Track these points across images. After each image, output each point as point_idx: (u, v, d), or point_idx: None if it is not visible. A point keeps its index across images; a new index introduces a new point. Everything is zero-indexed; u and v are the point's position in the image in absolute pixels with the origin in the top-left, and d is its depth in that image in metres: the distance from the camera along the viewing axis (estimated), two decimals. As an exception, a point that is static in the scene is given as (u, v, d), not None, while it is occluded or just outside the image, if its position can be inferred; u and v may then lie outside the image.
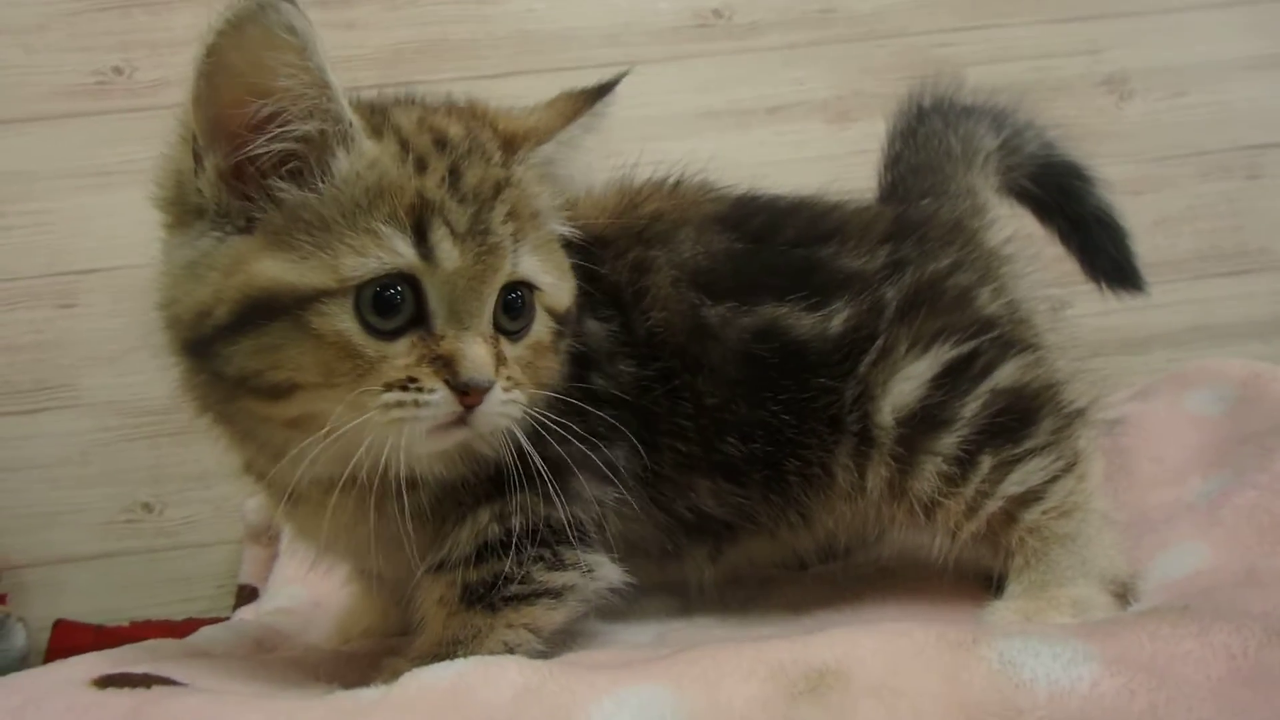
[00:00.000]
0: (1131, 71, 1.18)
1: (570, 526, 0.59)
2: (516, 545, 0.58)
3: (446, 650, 0.57)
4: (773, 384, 0.63)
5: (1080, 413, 0.65)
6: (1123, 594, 0.60)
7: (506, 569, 0.58)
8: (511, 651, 0.58)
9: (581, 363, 0.62)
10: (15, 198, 1.12)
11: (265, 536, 1.06)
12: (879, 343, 0.63)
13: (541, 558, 0.59)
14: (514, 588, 0.58)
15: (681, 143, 1.14)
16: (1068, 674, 0.40)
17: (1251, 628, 0.42)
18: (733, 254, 0.66)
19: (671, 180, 0.71)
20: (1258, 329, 1.18)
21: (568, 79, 1.12)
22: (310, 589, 0.90)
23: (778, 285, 0.64)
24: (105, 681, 0.49)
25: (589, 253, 0.64)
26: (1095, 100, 1.18)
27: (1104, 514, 0.63)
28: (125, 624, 1.08)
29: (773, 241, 0.66)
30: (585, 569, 0.60)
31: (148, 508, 1.11)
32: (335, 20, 1.15)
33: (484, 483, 0.59)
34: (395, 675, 0.54)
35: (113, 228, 1.11)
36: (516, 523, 0.58)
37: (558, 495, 0.58)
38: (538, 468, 0.56)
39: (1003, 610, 0.59)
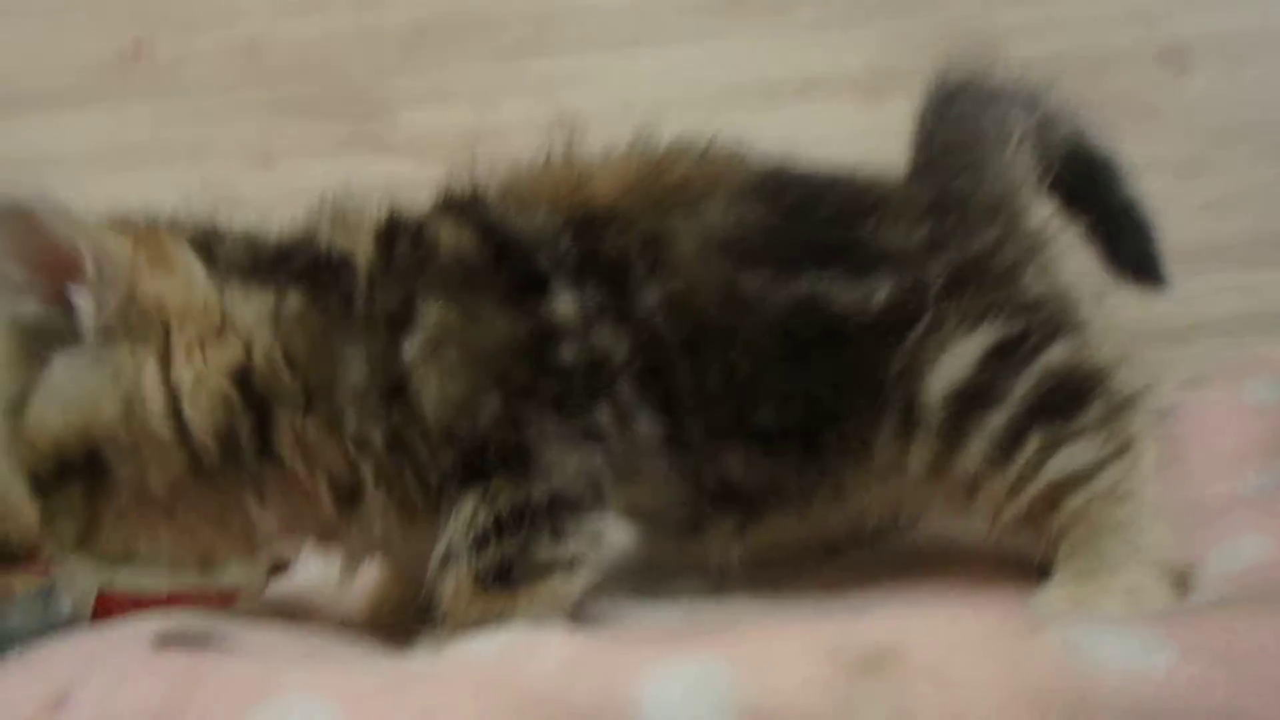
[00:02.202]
0: (1191, 42, 1.13)
1: (558, 499, 0.59)
2: (511, 526, 0.58)
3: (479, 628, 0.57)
4: (813, 356, 0.62)
5: (1132, 399, 0.64)
6: (1181, 583, 0.58)
7: (509, 550, 0.58)
8: None
9: (541, 339, 0.61)
10: (47, 178, 1.13)
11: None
12: (926, 319, 0.62)
13: (541, 534, 0.58)
14: (524, 566, 0.58)
15: (709, 121, 1.13)
16: (1140, 661, 0.38)
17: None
18: (767, 226, 0.65)
19: (699, 147, 0.70)
20: (1310, 320, 1.13)
21: (592, 57, 1.13)
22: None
23: (816, 258, 0.64)
24: (164, 640, 0.50)
25: (585, 231, 0.64)
26: (1152, 74, 1.13)
27: (1157, 502, 0.61)
28: (163, 594, 1.09)
29: (810, 215, 0.65)
30: (591, 535, 0.60)
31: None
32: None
33: (458, 471, 0.59)
34: (434, 647, 0.55)
35: (143, 208, 1.11)
36: (502, 505, 0.58)
37: (531, 473, 0.58)
38: (504, 448, 0.57)
39: (1052, 596, 0.58)
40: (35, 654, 0.49)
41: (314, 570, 0.91)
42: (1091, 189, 0.74)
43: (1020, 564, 0.63)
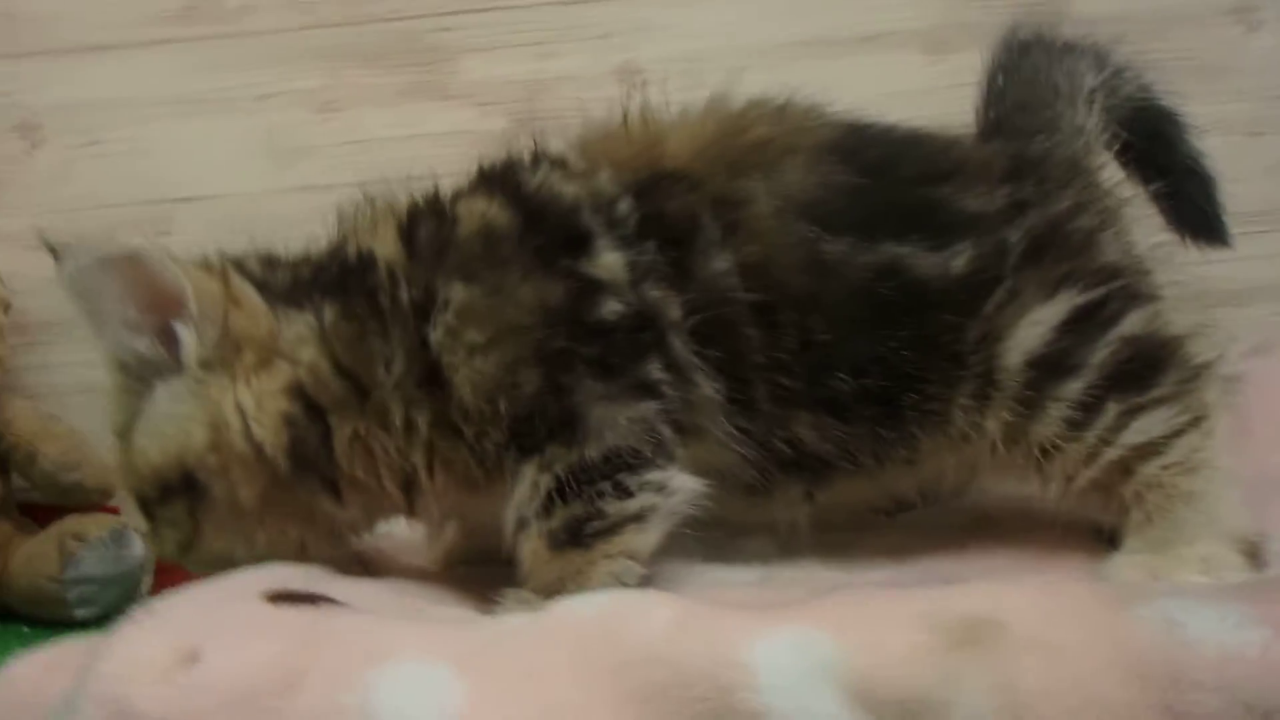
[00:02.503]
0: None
1: (615, 455, 0.59)
2: (573, 488, 0.59)
3: (556, 589, 0.59)
4: (894, 321, 0.62)
5: (1207, 367, 0.64)
6: (1253, 554, 0.59)
7: (577, 511, 0.59)
8: (620, 582, 0.60)
9: (579, 297, 0.61)
10: (113, 124, 1.14)
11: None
12: (1006, 285, 0.62)
13: (605, 492, 0.60)
14: (595, 524, 0.60)
15: (768, 74, 1.11)
16: (1235, 637, 0.39)
17: None
18: (849, 187, 0.64)
19: (778, 103, 0.69)
20: (1368, 283, 1.12)
21: (655, 6, 1.11)
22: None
23: (898, 223, 0.63)
24: (277, 598, 0.51)
25: (649, 191, 0.64)
26: (1221, 30, 1.10)
27: (1229, 472, 0.62)
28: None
29: (890, 177, 0.65)
30: (657, 487, 0.61)
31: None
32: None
33: (512, 444, 0.61)
34: (523, 605, 0.58)
35: (207, 156, 1.13)
36: (560, 470, 0.59)
37: (581, 436, 0.59)
38: (550, 417, 0.59)
39: (1125, 564, 0.59)
40: (157, 607, 0.50)
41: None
42: (1156, 147, 0.73)
43: (1083, 529, 0.64)
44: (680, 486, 0.61)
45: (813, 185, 0.64)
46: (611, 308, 0.61)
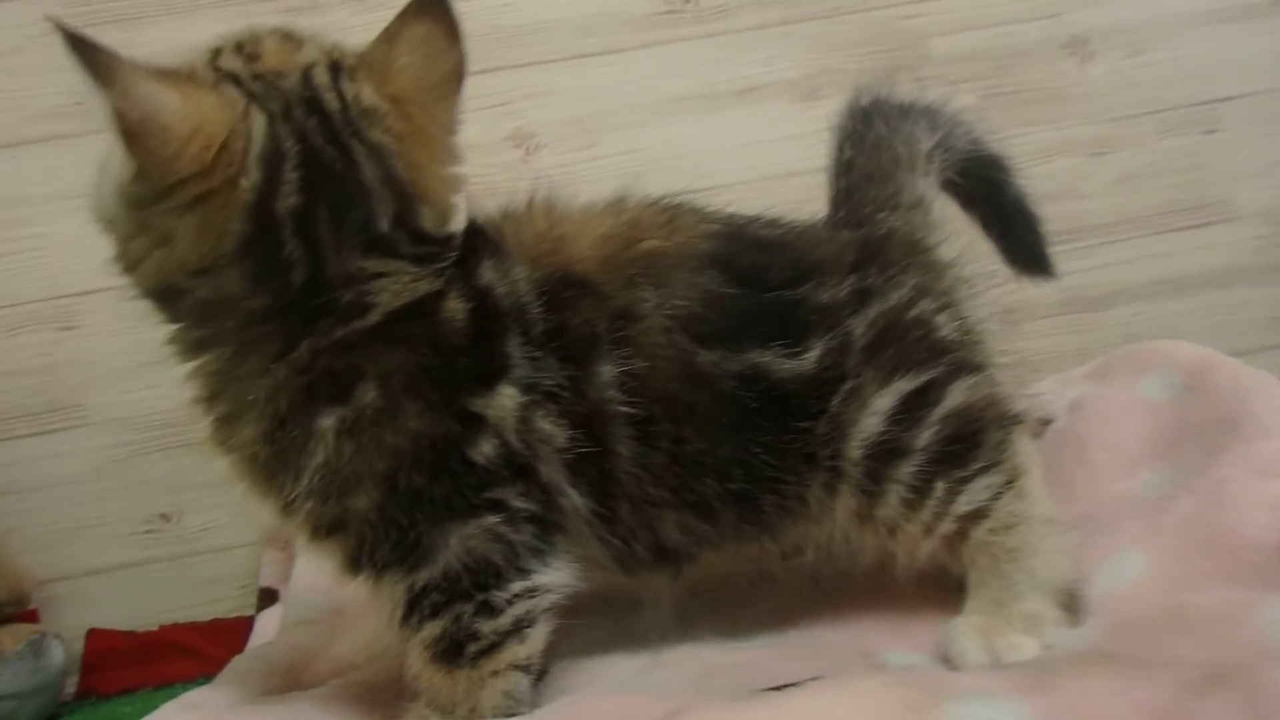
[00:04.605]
0: (1093, 32, 1.21)
1: (454, 577, 0.62)
2: (429, 608, 0.62)
3: (451, 708, 0.63)
4: (756, 426, 0.66)
5: (1017, 419, 0.70)
6: (1069, 604, 0.66)
7: (445, 628, 0.62)
8: (514, 698, 0.63)
9: (454, 441, 0.63)
10: (10, 223, 1.14)
11: (282, 540, 1.09)
12: (849, 382, 0.67)
13: (467, 612, 0.62)
14: (474, 645, 0.63)
15: (657, 129, 1.18)
16: None
17: (1164, 683, 0.47)
18: (723, 298, 0.67)
19: (668, 207, 0.72)
20: (1217, 278, 1.22)
21: (541, 71, 1.17)
22: (329, 597, 0.94)
23: (763, 331, 0.67)
24: None
25: (558, 298, 0.65)
26: (1057, 64, 1.21)
27: (1046, 519, 0.68)
28: (155, 628, 1.11)
29: (760, 284, 0.68)
30: (526, 593, 0.63)
31: (165, 518, 1.15)
32: (307, 25, 1.15)
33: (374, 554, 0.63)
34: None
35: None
36: (403, 590, 0.62)
37: (415, 559, 0.61)
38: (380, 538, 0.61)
39: (963, 627, 0.65)
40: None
41: (304, 609, 0.95)
42: (988, 190, 0.79)
43: (945, 578, 0.69)
44: (551, 584, 0.64)
45: (695, 297, 0.66)
46: (483, 450, 0.63)
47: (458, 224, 0.66)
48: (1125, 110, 1.21)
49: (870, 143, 0.78)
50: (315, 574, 0.90)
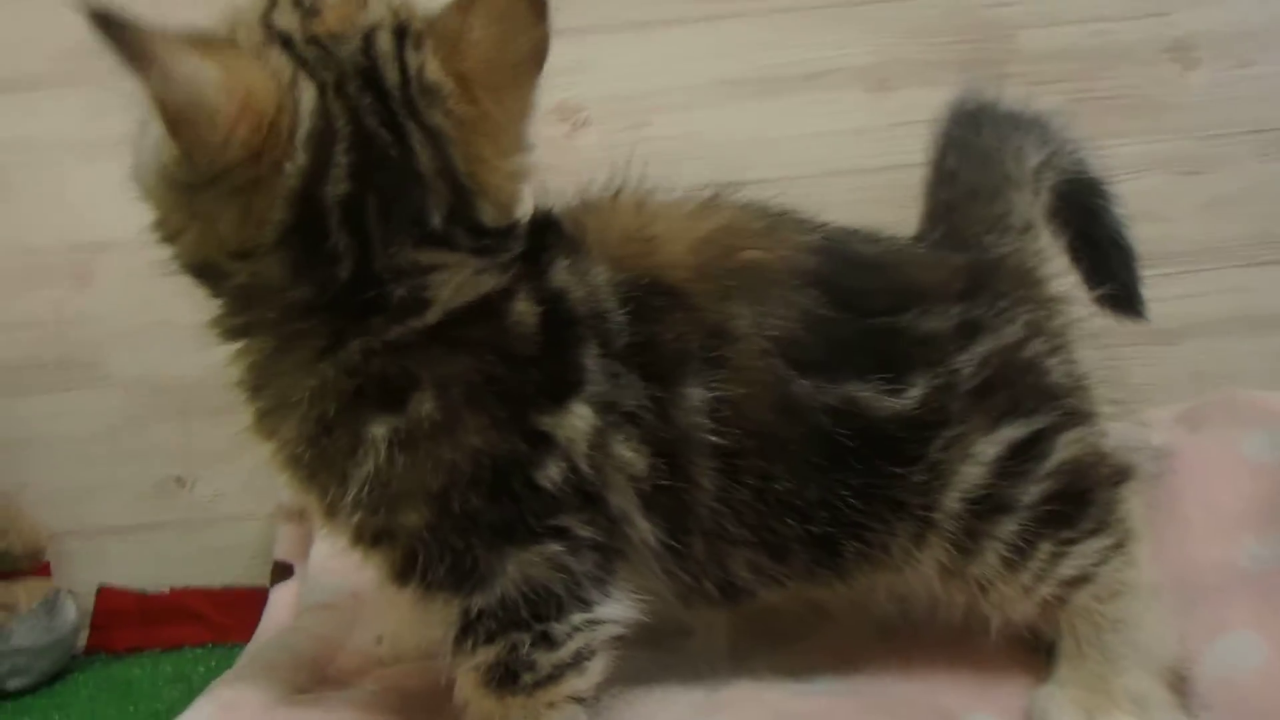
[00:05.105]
0: (1200, 36, 1.10)
1: (511, 605, 0.58)
2: (482, 635, 0.58)
3: None
4: (848, 468, 0.60)
5: (1128, 474, 0.65)
6: (1178, 685, 0.60)
7: (499, 654, 0.58)
8: None
9: (518, 464, 0.58)
10: (22, 167, 1.08)
11: (298, 515, 1.07)
12: (952, 430, 0.61)
13: (524, 642, 0.58)
14: (530, 675, 0.59)
15: (712, 111, 1.10)
16: None
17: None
18: (822, 321, 0.61)
19: (768, 213, 0.66)
20: (1295, 320, 1.14)
21: (595, 40, 1.08)
22: (347, 579, 0.91)
23: (862, 361, 0.61)
24: None
25: (646, 308, 0.59)
26: (1157, 68, 1.11)
27: (1153, 589, 0.63)
28: (166, 590, 1.11)
29: (862, 309, 0.62)
30: (586, 625, 0.59)
31: (180, 482, 1.12)
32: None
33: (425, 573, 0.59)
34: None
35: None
36: (457, 612, 0.58)
37: (470, 585, 0.57)
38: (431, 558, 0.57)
39: (1060, 700, 0.60)
40: None
41: (322, 592, 0.92)
42: (1085, 217, 0.73)
43: (1021, 636, 0.64)
44: (610, 616, 0.60)
45: (794, 318, 0.60)
46: (550, 474, 0.58)
47: (520, 213, 0.60)
48: (1224, 127, 1.12)
49: (978, 153, 0.72)
50: (333, 555, 0.87)
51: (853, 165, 1.10)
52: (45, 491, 1.10)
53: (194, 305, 0.60)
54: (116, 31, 0.47)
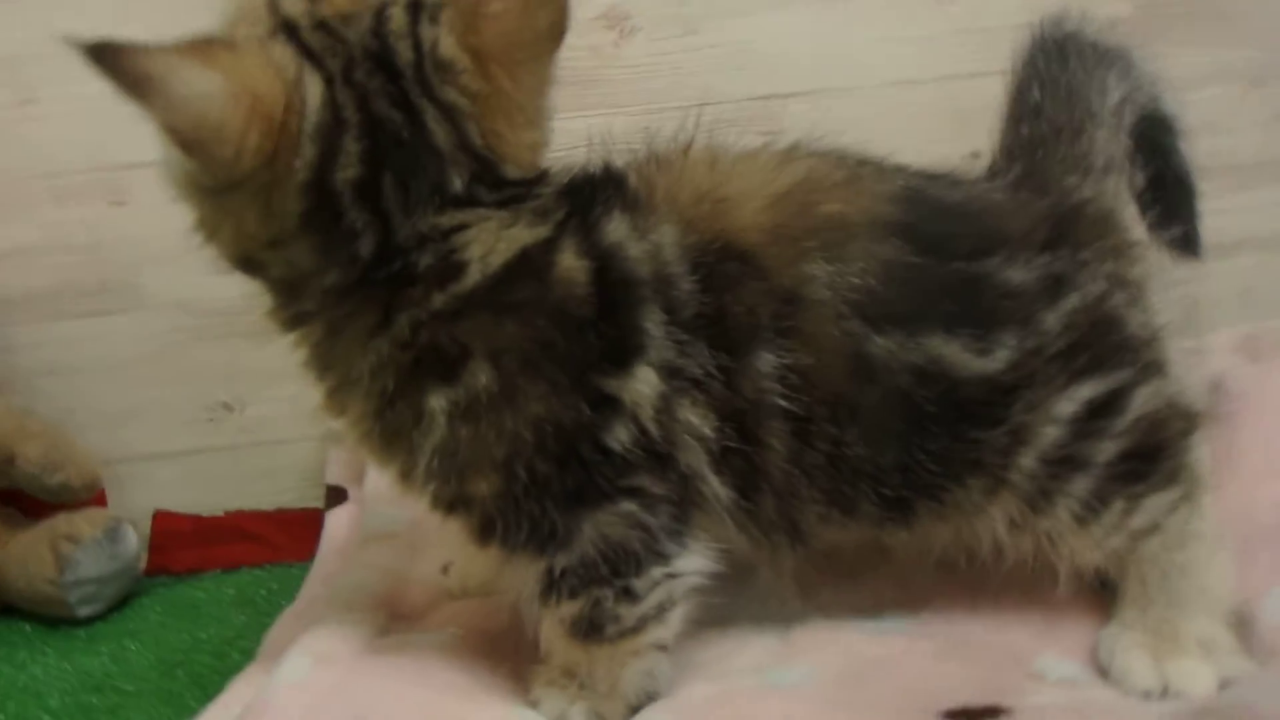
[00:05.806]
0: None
1: (590, 564, 0.59)
2: (566, 590, 0.59)
3: (581, 676, 0.62)
4: (927, 433, 0.60)
5: (1197, 421, 0.64)
6: (1240, 629, 0.62)
7: (582, 609, 0.60)
8: (653, 677, 0.62)
9: (587, 427, 0.57)
10: (49, 80, 1.03)
11: (347, 438, 1.07)
12: (1036, 391, 0.60)
13: (607, 597, 0.60)
14: (614, 627, 0.60)
15: (766, 17, 1.05)
16: None
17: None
18: (904, 270, 0.59)
19: (848, 161, 0.63)
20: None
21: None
22: (406, 507, 0.90)
23: (948, 311, 0.60)
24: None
25: (715, 273, 0.58)
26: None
27: (1217, 534, 0.64)
28: (220, 514, 1.12)
29: (946, 254, 0.60)
30: (666, 578, 0.61)
31: (228, 406, 1.12)
32: None
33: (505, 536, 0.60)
34: (549, 687, 0.62)
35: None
36: (539, 570, 0.60)
37: (552, 546, 0.58)
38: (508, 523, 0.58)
39: (1126, 643, 0.62)
40: None
41: (381, 521, 0.93)
42: (1154, 155, 0.71)
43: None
44: (688, 569, 0.61)
45: (873, 271, 0.59)
46: (618, 436, 0.58)
47: (548, 162, 0.60)
48: (1289, 38, 1.07)
49: (1065, 88, 0.68)
50: (387, 485, 0.88)
51: (912, 75, 1.05)
52: (91, 417, 1.10)
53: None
54: (112, 61, 0.47)
